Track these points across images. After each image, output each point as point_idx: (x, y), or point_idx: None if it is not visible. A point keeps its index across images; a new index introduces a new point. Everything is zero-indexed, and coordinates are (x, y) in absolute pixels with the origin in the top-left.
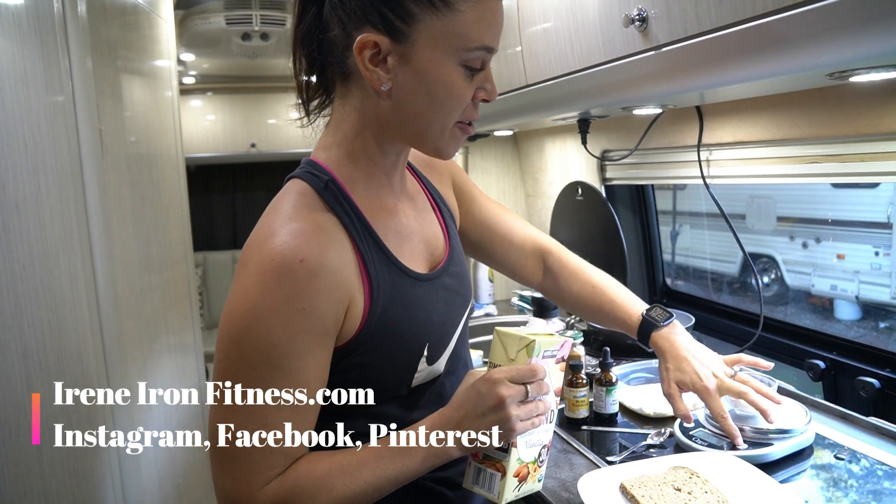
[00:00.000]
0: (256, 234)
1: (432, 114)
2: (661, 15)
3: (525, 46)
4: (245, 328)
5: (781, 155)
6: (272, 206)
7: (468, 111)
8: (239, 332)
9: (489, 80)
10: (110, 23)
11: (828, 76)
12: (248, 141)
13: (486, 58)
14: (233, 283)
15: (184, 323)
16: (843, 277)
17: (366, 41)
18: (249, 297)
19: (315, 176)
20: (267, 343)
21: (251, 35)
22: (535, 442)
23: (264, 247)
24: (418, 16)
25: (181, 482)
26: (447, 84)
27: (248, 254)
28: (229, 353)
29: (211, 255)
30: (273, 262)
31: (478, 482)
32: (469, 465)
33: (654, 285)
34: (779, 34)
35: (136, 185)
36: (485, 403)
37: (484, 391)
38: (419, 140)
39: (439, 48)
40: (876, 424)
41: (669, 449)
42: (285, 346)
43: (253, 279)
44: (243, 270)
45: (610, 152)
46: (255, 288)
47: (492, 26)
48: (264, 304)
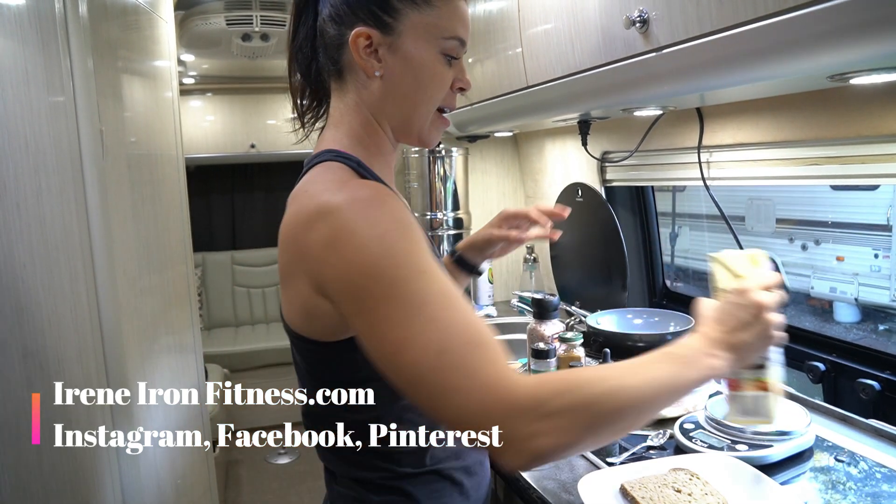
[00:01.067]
0: (317, 201)
1: (419, 95)
2: (662, 16)
3: (525, 47)
4: (374, 261)
5: (782, 157)
6: (312, 181)
7: (448, 98)
8: (371, 268)
9: (464, 72)
10: (111, 23)
11: (829, 78)
12: (248, 141)
13: (459, 50)
14: (323, 254)
15: (183, 323)
16: (843, 280)
17: (360, 33)
18: (360, 237)
19: (344, 158)
20: (403, 258)
21: (251, 36)
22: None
23: (338, 198)
24: (402, 11)
25: (180, 482)
26: (430, 67)
27: (323, 215)
28: (376, 294)
29: (210, 255)
30: (360, 198)
31: (746, 412)
32: (731, 398)
33: (653, 287)
34: (780, 36)
35: (136, 186)
36: (746, 313)
37: (742, 302)
38: (408, 123)
39: (422, 37)
40: (876, 427)
41: (669, 450)
42: (417, 254)
43: (353, 223)
44: (333, 230)
45: (610, 154)
46: (361, 227)
47: (462, 20)
48: (376, 230)
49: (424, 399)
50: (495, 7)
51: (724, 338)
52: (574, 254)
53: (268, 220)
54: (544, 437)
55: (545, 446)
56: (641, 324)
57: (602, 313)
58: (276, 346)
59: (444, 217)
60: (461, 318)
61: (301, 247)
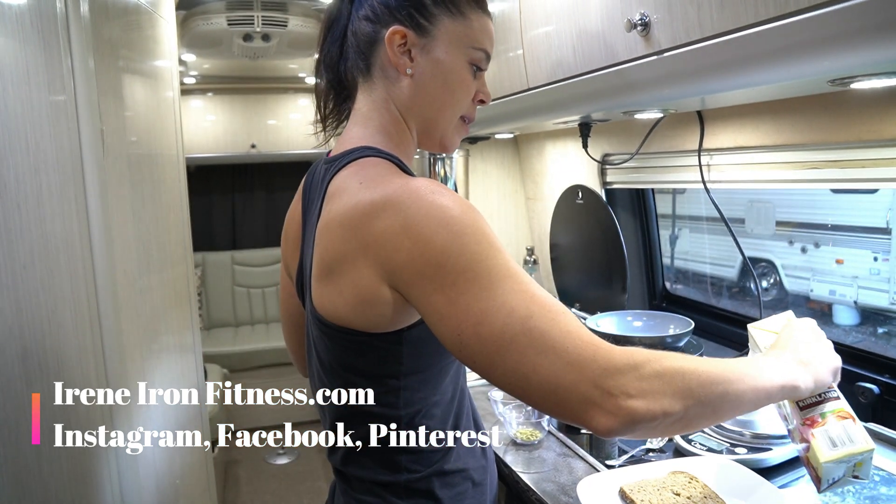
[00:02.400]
0: (375, 190)
1: (446, 98)
2: (663, 20)
3: (527, 49)
4: (451, 238)
5: (782, 160)
6: (358, 174)
7: (470, 108)
8: (449, 244)
9: (485, 86)
10: (112, 23)
11: (829, 83)
12: (249, 141)
13: (484, 62)
14: (394, 241)
15: (183, 323)
16: (842, 282)
17: (396, 31)
18: (433, 219)
19: (387, 155)
20: (480, 234)
21: (253, 36)
22: None
23: (402, 185)
24: (438, 16)
25: (179, 483)
26: (459, 74)
27: (391, 199)
28: (454, 269)
29: (210, 255)
30: (425, 185)
31: (835, 444)
32: (812, 437)
33: (653, 289)
34: (780, 41)
35: (136, 185)
36: (808, 335)
37: (803, 327)
38: (433, 125)
39: (454, 44)
40: (875, 430)
41: (669, 453)
42: (488, 232)
43: (422, 208)
44: (403, 217)
45: (611, 156)
46: (431, 211)
47: (489, 36)
48: (447, 213)
49: (513, 364)
50: (497, 9)
51: (794, 356)
52: (574, 256)
53: (268, 221)
54: (640, 398)
55: (640, 408)
56: (641, 326)
57: (602, 315)
58: (275, 346)
59: None
60: (540, 291)
61: (365, 236)
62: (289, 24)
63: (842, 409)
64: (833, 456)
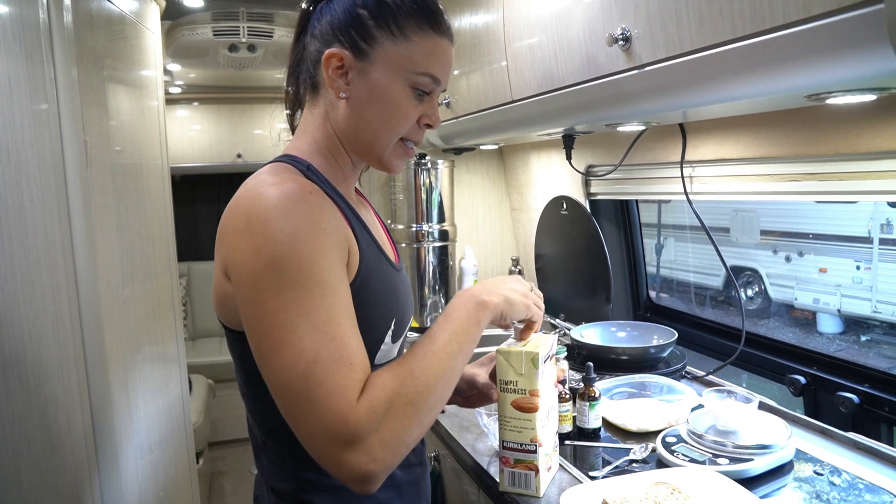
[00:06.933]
0: (248, 192)
1: (381, 124)
2: (643, 35)
3: (510, 61)
4: (279, 255)
5: (762, 172)
6: (254, 176)
7: (413, 131)
8: (274, 261)
9: (434, 109)
10: (97, 33)
11: (806, 98)
12: (234, 151)
13: (433, 87)
14: (235, 239)
15: (167, 334)
16: (826, 291)
17: (332, 54)
18: (271, 228)
19: (295, 160)
20: (306, 261)
21: (238, 46)
22: (551, 433)
23: (265, 191)
24: (379, 39)
25: (162, 495)
26: (396, 99)
27: (247, 205)
28: (271, 287)
29: (195, 265)
30: (284, 194)
31: (514, 484)
32: (502, 471)
33: (637, 299)
34: (758, 56)
35: (120, 195)
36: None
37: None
38: (369, 148)
39: (392, 69)
40: (854, 440)
41: (652, 464)
42: (321, 262)
43: (267, 214)
44: (249, 217)
45: (594, 167)
46: (275, 219)
47: (439, 60)
48: (289, 226)
49: (289, 404)
50: (481, 21)
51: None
52: (558, 266)
53: None
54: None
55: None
56: (625, 337)
57: (586, 326)
58: None
59: (430, 229)
60: (341, 334)
61: (221, 232)
62: (274, 34)
63: (528, 460)
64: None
